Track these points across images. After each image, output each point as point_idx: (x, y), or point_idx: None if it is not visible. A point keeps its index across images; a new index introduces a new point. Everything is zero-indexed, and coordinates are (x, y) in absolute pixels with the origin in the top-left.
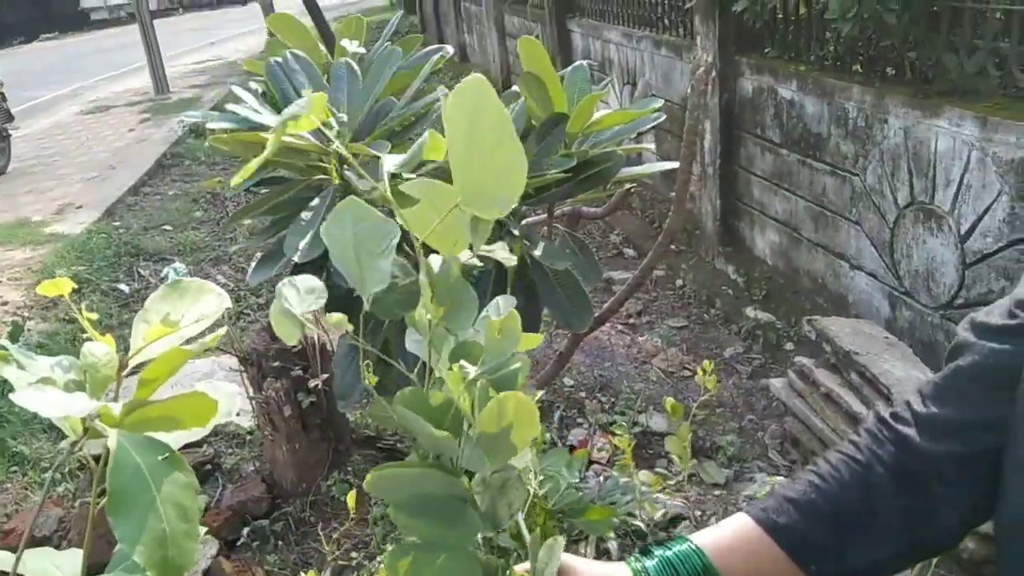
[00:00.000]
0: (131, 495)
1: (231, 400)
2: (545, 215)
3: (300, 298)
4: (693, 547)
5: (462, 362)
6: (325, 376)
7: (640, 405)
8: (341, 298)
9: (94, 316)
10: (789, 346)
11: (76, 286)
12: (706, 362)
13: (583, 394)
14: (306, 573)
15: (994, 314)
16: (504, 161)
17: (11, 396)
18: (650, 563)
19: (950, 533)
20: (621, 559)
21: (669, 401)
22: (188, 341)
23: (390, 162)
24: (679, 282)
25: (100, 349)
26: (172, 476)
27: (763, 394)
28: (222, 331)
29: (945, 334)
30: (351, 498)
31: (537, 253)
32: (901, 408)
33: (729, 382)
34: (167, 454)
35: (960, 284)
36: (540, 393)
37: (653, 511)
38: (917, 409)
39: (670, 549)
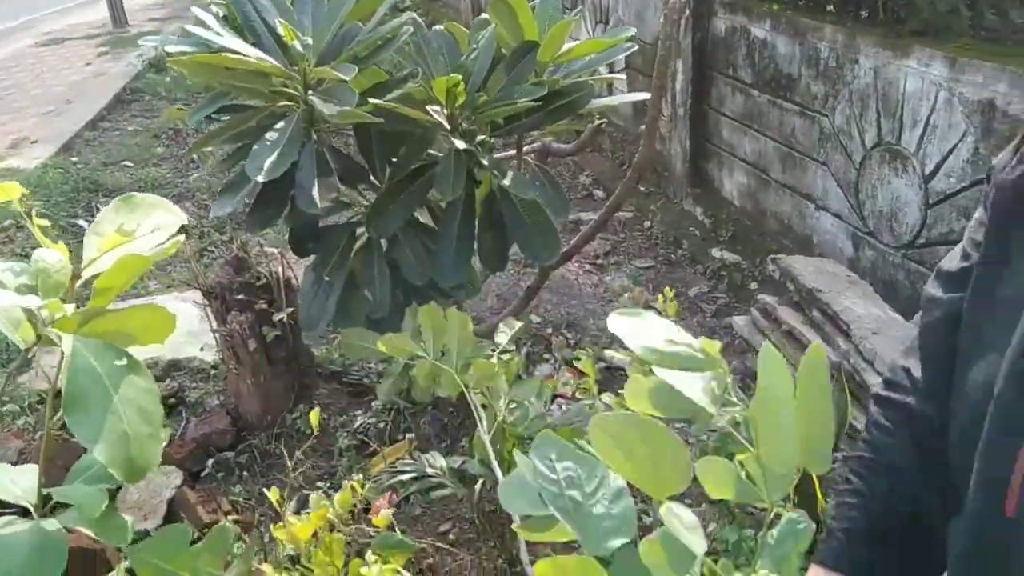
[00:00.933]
0: (89, 397)
1: (190, 320)
2: (514, 151)
3: None
4: None
5: None
6: (290, 310)
7: (605, 341)
8: (306, 226)
9: (45, 223)
10: (753, 286)
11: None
12: (667, 289)
13: (549, 331)
14: (270, 496)
15: (955, 259)
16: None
17: None
18: None
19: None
20: None
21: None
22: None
23: None
24: (647, 223)
25: (52, 256)
26: (130, 379)
27: (726, 332)
28: (180, 238)
29: (906, 273)
30: (314, 415)
31: (506, 182)
32: (892, 374)
33: (693, 320)
34: (125, 359)
35: (922, 224)
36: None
37: None
38: (904, 373)
39: None
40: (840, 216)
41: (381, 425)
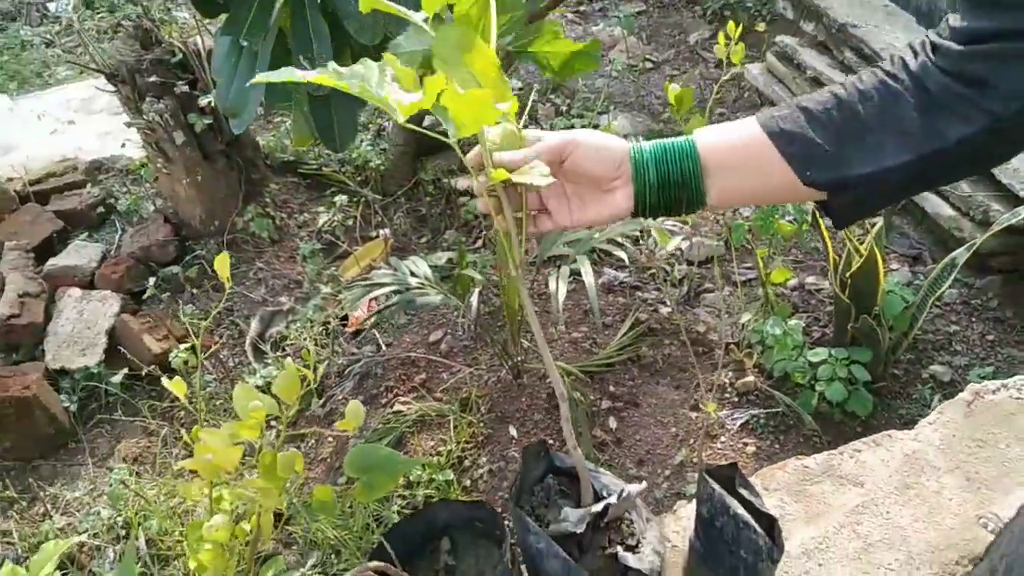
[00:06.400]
0: None
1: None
2: None
3: None
4: (691, 142)
5: None
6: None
7: (601, 105)
8: None
9: None
10: (762, 27)
11: None
12: (731, 24)
13: (534, 98)
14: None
15: None
16: None
17: None
18: (647, 145)
19: (967, 151)
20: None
21: (673, 90)
22: None
23: None
24: None
25: None
26: None
27: (735, 84)
28: None
29: None
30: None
31: None
32: (940, 28)
33: (696, 72)
34: None
35: None
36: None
37: (664, 239)
38: (954, 24)
39: (670, 140)
40: None
41: (349, 222)
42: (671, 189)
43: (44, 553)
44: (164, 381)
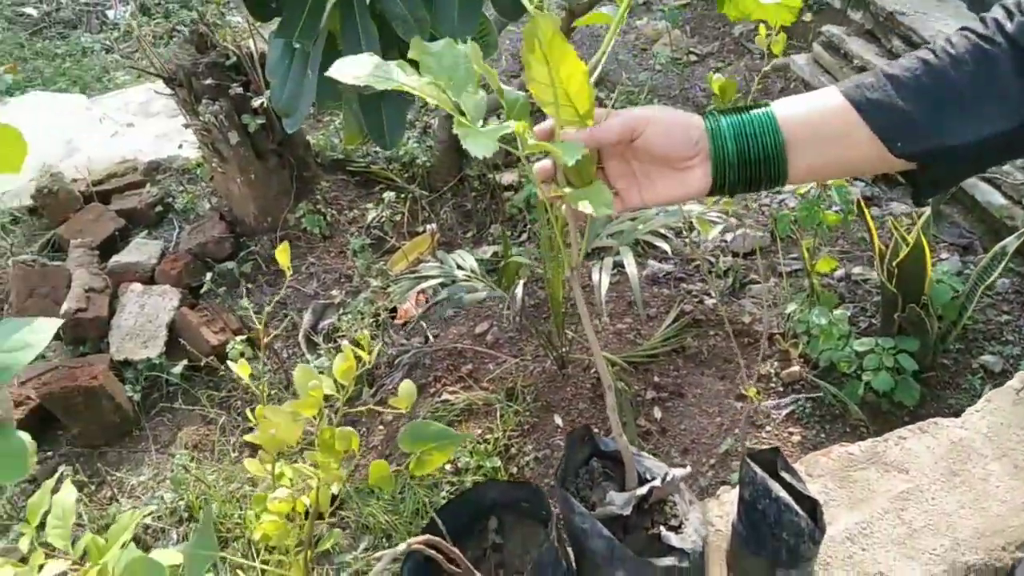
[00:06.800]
0: None
1: (69, 118)
2: None
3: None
4: (770, 114)
5: None
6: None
7: (644, 98)
8: None
9: None
10: (808, 16)
11: None
12: None
13: None
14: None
15: None
16: None
17: None
18: (724, 120)
19: None
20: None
21: (717, 80)
22: None
23: None
24: None
25: None
26: None
27: (781, 75)
28: None
29: None
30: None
31: None
32: None
33: (741, 64)
34: None
35: None
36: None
37: (705, 229)
38: None
39: (748, 111)
40: None
41: (397, 218)
42: (751, 166)
43: (121, 523)
44: (230, 364)
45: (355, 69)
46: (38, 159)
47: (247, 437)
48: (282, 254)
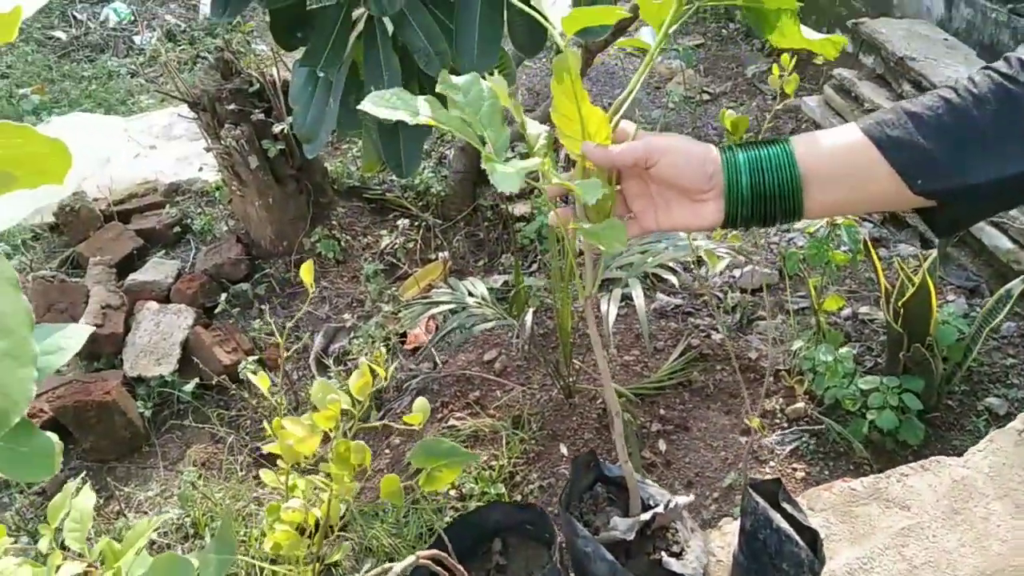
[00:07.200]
0: None
1: (107, 139)
2: None
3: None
4: (788, 149)
5: None
6: (291, 119)
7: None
8: (289, 8)
9: None
10: (820, 60)
11: None
12: (784, 56)
13: None
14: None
15: None
16: None
17: None
18: (741, 154)
19: None
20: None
21: (730, 115)
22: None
23: None
24: None
25: None
26: None
27: (792, 116)
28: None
29: (1012, 33)
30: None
31: None
32: None
33: (753, 104)
34: None
35: None
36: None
37: (713, 261)
38: None
39: (765, 145)
40: None
41: (410, 245)
42: (767, 202)
43: (137, 529)
44: (249, 376)
45: (385, 104)
46: (78, 175)
47: (266, 447)
48: (306, 272)
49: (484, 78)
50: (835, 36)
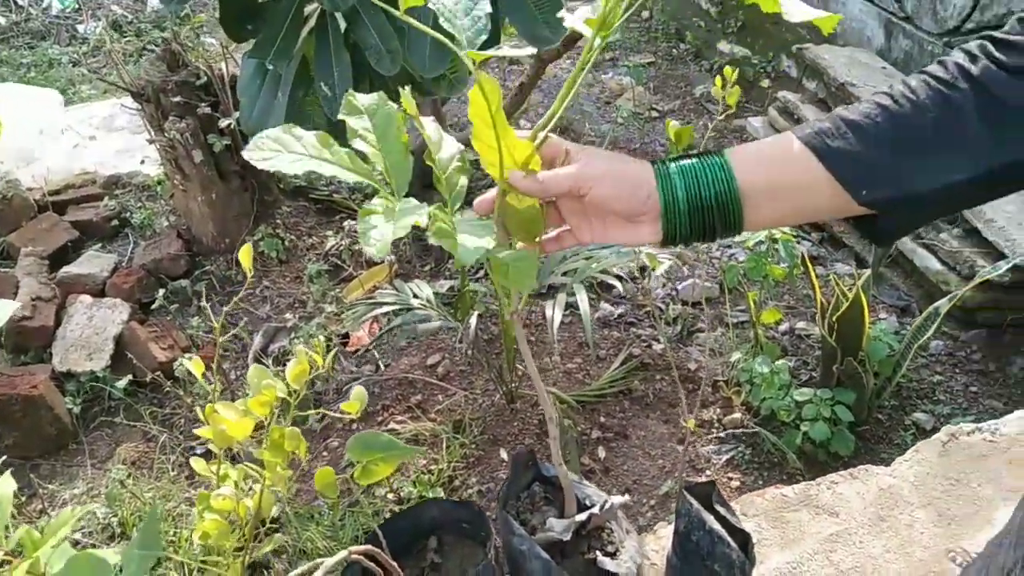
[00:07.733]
0: None
1: (43, 110)
2: None
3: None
4: (723, 160)
5: None
6: (238, 114)
7: (606, 147)
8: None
9: None
10: (766, 83)
11: None
12: (727, 68)
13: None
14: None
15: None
16: None
17: None
18: (674, 166)
19: None
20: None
21: (674, 127)
22: None
23: None
24: (645, 14)
25: None
26: None
27: (737, 136)
28: None
29: None
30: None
31: None
32: (1008, 28)
33: (700, 123)
34: None
35: (973, 5)
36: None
37: (654, 264)
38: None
39: (699, 158)
40: (872, 0)
41: (356, 247)
42: (704, 213)
43: (60, 519)
44: (184, 362)
45: (260, 153)
46: (13, 147)
47: (198, 431)
48: (244, 255)
49: (419, 81)
50: (832, 14)
